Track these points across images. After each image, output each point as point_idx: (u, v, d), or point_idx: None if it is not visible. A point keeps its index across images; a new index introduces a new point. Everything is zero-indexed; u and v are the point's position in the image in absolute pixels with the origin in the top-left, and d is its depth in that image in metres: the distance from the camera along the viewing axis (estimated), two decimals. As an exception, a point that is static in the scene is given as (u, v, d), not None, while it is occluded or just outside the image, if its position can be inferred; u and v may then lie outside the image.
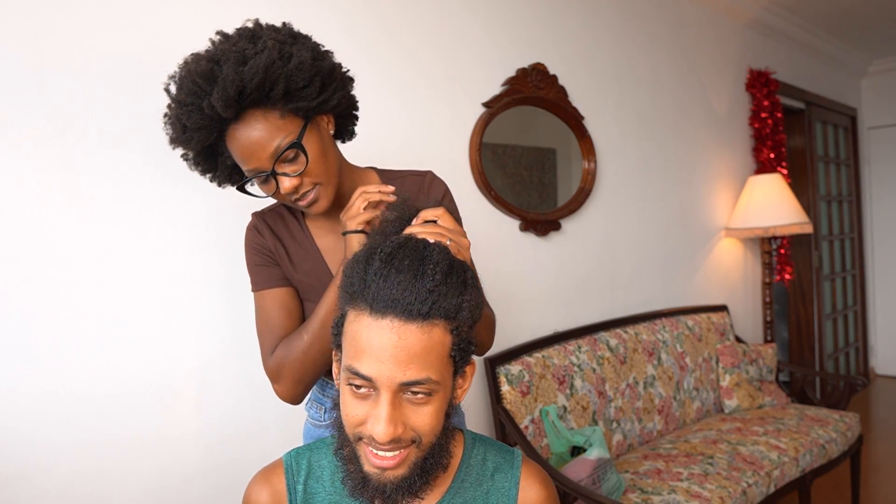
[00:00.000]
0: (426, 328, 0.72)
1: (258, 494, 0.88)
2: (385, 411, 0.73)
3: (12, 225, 1.37)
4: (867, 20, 4.06)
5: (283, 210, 1.17)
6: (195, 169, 1.07)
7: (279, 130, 0.97)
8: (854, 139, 5.06)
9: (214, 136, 0.99)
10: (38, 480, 1.39)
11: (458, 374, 0.80)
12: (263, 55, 0.92)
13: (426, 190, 1.16)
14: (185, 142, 0.99)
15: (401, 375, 0.72)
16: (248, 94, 0.93)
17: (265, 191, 1.02)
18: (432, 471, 0.80)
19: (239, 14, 1.51)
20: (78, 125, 1.45)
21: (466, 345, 0.78)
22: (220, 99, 0.91)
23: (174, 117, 0.98)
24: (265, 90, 0.94)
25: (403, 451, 0.76)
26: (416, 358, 0.72)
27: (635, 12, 2.98)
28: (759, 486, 2.17)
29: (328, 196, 1.04)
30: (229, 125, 0.97)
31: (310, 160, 1.00)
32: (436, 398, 0.76)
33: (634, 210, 2.96)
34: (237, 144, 0.98)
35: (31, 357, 1.39)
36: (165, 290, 1.57)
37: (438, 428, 0.78)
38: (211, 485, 1.63)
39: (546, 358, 2.28)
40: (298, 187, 1.00)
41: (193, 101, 0.93)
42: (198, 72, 0.93)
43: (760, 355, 3.01)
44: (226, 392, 1.66)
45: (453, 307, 0.74)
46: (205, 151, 1.03)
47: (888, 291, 5.12)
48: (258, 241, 1.13)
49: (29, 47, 1.39)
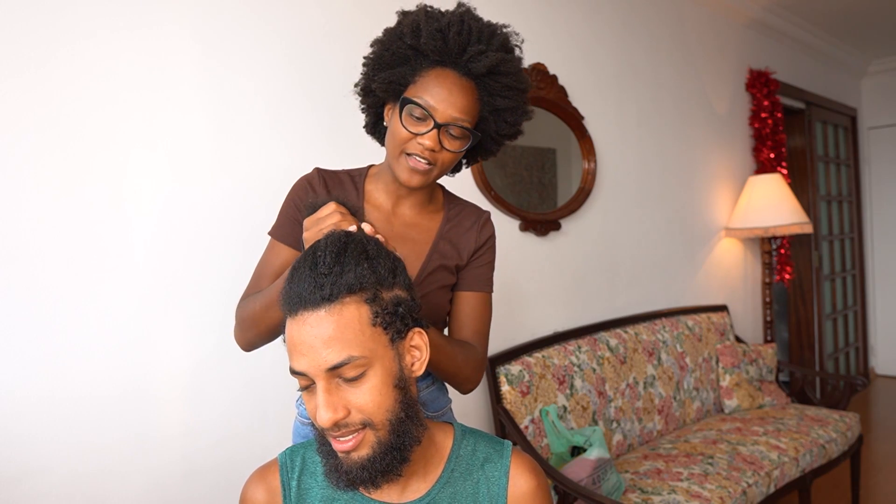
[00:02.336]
0: (334, 310, 0.75)
1: (254, 493, 0.89)
2: (321, 398, 0.75)
3: (12, 225, 1.37)
4: (867, 20, 4.06)
5: (347, 179, 1.16)
6: (373, 72, 1.06)
7: (468, 113, 1.03)
8: (854, 139, 5.06)
9: (423, 62, 1.02)
10: (38, 481, 1.39)
11: (397, 340, 0.79)
12: (521, 65, 1.06)
13: (480, 226, 1.17)
14: (409, 47, 1.02)
15: (323, 362, 0.74)
16: (496, 77, 1.02)
17: (408, 122, 1.01)
18: (402, 447, 0.79)
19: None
20: (78, 125, 1.45)
21: (393, 308, 0.78)
22: (487, 64, 0.99)
23: (418, 22, 1.01)
24: (499, 92, 1.03)
25: (358, 433, 0.77)
26: (333, 341, 0.74)
27: (635, 12, 2.98)
28: (759, 486, 2.17)
29: (425, 181, 1.05)
30: (447, 67, 1.02)
31: (453, 151, 1.03)
32: (372, 374, 0.76)
33: (634, 210, 2.96)
34: (444, 83, 1.01)
35: (31, 358, 1.39)
36: (164, 291, 1.57)
37: (387, 403, 0.77)
38: (210, 484, 1.63)
39: (546, 358, 2.28)
40: (432, 151, 1.02)
41: (460, 31, 1.00)
42: (476, 26, 1.01)
43: (760, 355, 3.01)
44: (225, 392, 1.67)
45: (355, 279, 0.76)
46: (403, 58, 1.04)
47: (888, 291, 5.12)
48: (305, 195, 1.11)
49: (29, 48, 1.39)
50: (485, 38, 1.01)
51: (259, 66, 1.74)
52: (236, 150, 1.70)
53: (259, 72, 1.74)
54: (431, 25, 1.00)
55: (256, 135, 1.73)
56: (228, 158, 1.68)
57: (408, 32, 1.01)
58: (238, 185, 1.70)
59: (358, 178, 1.16)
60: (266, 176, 1.73)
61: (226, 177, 1.68)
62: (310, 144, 1.83)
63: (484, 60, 1.00)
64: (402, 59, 1.03)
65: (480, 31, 1.02)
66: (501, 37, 1.04)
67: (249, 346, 1.11)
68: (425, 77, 1.02)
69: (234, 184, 1.69)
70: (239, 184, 1.70)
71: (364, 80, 1.09)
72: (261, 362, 1.72)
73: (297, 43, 1.81)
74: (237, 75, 1.70)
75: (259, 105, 1.74)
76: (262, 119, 1.74)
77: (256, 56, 1.74)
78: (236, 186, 1.69)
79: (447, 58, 1.01)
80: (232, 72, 1.69)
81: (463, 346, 1.11)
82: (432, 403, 1.18)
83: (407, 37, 1.01)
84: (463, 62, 1.01)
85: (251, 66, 1.73)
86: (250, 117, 1.72)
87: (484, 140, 1.11)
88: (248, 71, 1.72)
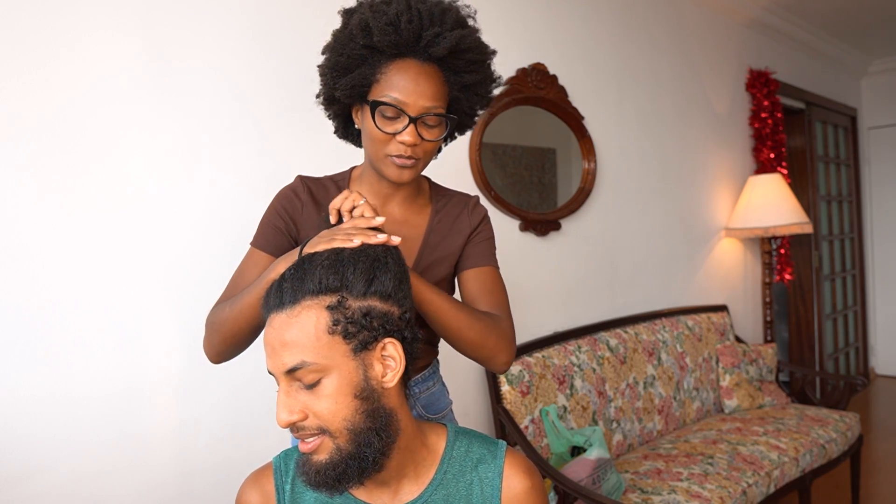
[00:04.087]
0: (293, 313, 0.76)
1: (248, 496, 0.90)
2: (280, 399, 0.77)
3: (12, 226, 1.37)
4: (867, 20, 4.06)
5: (332, 185, 1.14)
6: (331, 70, 1.03)
7: (439, 99, 1.01)
8: (854, 139, 5.06)
9: (381, 58, 0.99)
10: (38, 481, 1.39)
11: (360, 352, 0.77)
12: (479, 36, 1.04)
13: (469, 211, 1.16)
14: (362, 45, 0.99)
15: (280, 364, 0.76)
16: (455, 52, 0.99)
17: (382, 124, 0.99)
18: (363, 457, 0.78)
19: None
20: (78, 127, 1.45)
21: (362, 317, 0.77)
22: (448, 45, 0.97)
23: (366, 20, 0.97)
24: (465, 69, 1.02)
25: (316, 438, 0.78)
26: (288, 345, 0.76)
27: (635, 12, 2.98)
28: (759, 486, 2.17)
29: (414, 175, 1.04)
30: (407, 57, 0.99)
31: (433, 140, 1.02)
32: (328, 382, 0.76)
33: (634, 210, 2.96)
34: (407, 75, 0.98)
35: (31, 358, 1.39)
36: (164, 291, 1.57)
37: (344, 412, 0.76)
38: (210, 484, 1.63)
39: (546, 358, 2.28)
40: (414, 146, 1.00)
41: (410, 19, 0.96)
42: (425, 8, 0.98)
43: (760, 355, 3.01)
44: (223, 392, 1.67)
45: (315, 285, 0.77)
46: (360, 59, 1.01)
47: (888, 291, 5.12)
48: (288, 205, 1.09)
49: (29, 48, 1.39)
50: (437, 19, 0.98)
51: (260, 66, 1.74)
52: (236, 150, 1.70)
53: (260, 71, 1.74)
54: (380, 20, 0.96)
55: (257, 135, 1.73)
56: (227, 160, 1.69)
57: (358, 33, 0.97)
58: (236, 187, 1.70)
59: (342, 183, 1.14)
60: (266, 176, 1.73)
61: (224, 178, 1.68)
62: (313, 144, 1.83)
63: (443, 43, 0.97)
64: (360, 61, 1.00)
65: (431, 12, 0.98)
66: (453, 13, 1.01)
67: (217, 355, 1.06)
68: (387, 73, 0.99)
69: (232, 185, 1.69)
70: (237, 185, 1.70)
71: (325, 90, 1.06)
72: (260, 363, 1.72)
73: (298, 43, 1.81)
74: (238, 75, 1.70)
75: (260, 105, 1.74)
76: (263, 119, 1.74)
77: (257, 55, 1.74)
78: (234, 188, 1.69)
79: (404, 48, 0.98)
80: (233, 71, 1.69)
81: (484, 314, 1.05)
82: (433, 406, 1.17)
83: (358, 37, 0.97)
84: (421, 48, 0.98)
85: (252, 65, 1.73)
86: (251, 117, 1.72)
87: (460, 118, 1.10)
88: (249, 70, 1.72)
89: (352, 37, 0.99)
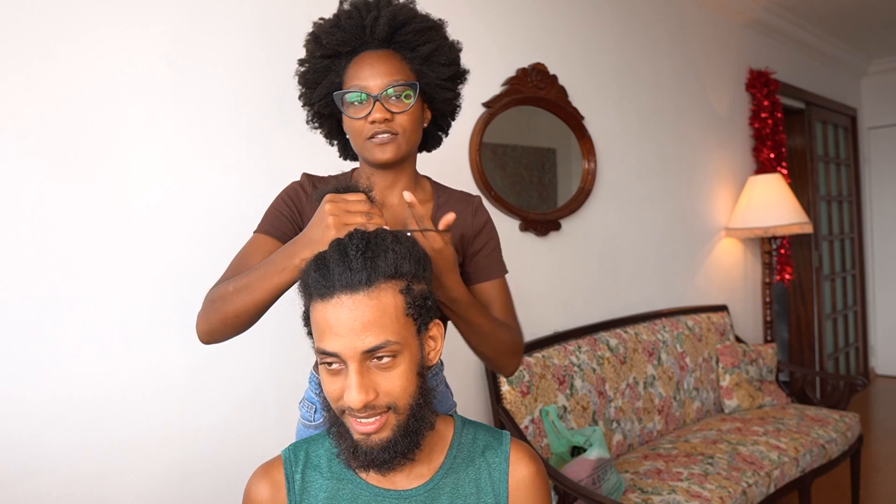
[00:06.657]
0: (373, 293, 0.78)
1: (258, 488, 0.90)
2: (355, 380, 0.77)
3: (12, 227, 1.37)
4: (867, 20, 4.06)
5: (334, 182, 1.14)
6: (305, 76, 1.11)
7: (397, 73, 1.05)
8: (854, 139, 5.06)
9: (347, 52, 1.06)
10: (38, 481, 1.39)
11: (422, 332, 0.83)
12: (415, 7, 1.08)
13: (472, 211, 1.17)
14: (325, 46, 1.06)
15: (361, 344, 0.77)
16: (403, 31, 1.04)
17: (353, 113, 1.05)
18: (418, 431, 0.83)
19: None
20: (79, 127, 1.45)
21: (422, 300, 0.82)
22: (385, 21, 1.02)
23: (315, 32, 1.07)
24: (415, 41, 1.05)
25: (382, 416, 0.80)
26: (371, 324, 0.77)
27: (635, 12, 2.98)
28: (759, 486, 2.17)
29: (397, 151, 1.06)
30: (360, 51, 1.05)
31: (403, 111, 1.05)
32: (401, 360, 0.80)
33: (634, 210, 2.96)
34: (363, 62, 1.04)
35: (31, 359, 1.39)
36: (164, 292, 1.57)
37: (411, 388, 0.81)
38: (211, 485, 1.63)
39: (546, 358, 2.28)
40: (387, 121, 1.04)
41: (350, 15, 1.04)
42: (362, 2, 1.05)
43: (760, 355, 3.01)
44: (225, 393, 1.67)
45: (390, 265, 0.79)
46: (324, 70, 1.09)
47: (888, 291, 5.12)
48: (295, 196, 1.13)
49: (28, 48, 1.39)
50: (373, 5, 1.05)
51: (261, 67, 1.74)
52: (237, 151, 1.70)
53: (261, 72, 1.74)
54: (325, 26, 1.06)
55: (258, 136, 1.73)
56: (229, 159, 1.69)
57: (313, 47, 1.07)
58: (238, 186, 1.70)
59: (343, 181, 1.16)
60: (267, 176, 1.73)
61: (226, 178, 1.68)
62: (313, 145, 1.83)
63: (381, 22, 1.03)
64: (324, 71, 1.08)
65: (367, 3, 1.05)
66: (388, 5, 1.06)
67: (210, 333, 1.06)
68: (348, 70, 1.06)
69: (233, 186, 1.69)
70: (239, 184, 1.70)
71: (308, 109, 1.15)
72: (261, 363, 1.72)
73: (299, 45, 1.81)
74: (239, 76, 1.70)
75: (260, 106, 1.74)
76: (263, 119, 1.74)
77: (258, 56, 1.74)
78: (237, 187, 1.69)
79: (355, 44, 1.05)
80: (233, 72, 1.69)
81: (504, 323, 1.13)
82: (438, 407, 1.18)
83: (316, 51, 1.07)
84: (368, 38, 1.05)
85: (252, 66, 1.73)
86: (251, 118, 1.72)
87: (436, 94, 1.12)
88: (249, 71, 1.72)
89: (312, 53, 1.08)
